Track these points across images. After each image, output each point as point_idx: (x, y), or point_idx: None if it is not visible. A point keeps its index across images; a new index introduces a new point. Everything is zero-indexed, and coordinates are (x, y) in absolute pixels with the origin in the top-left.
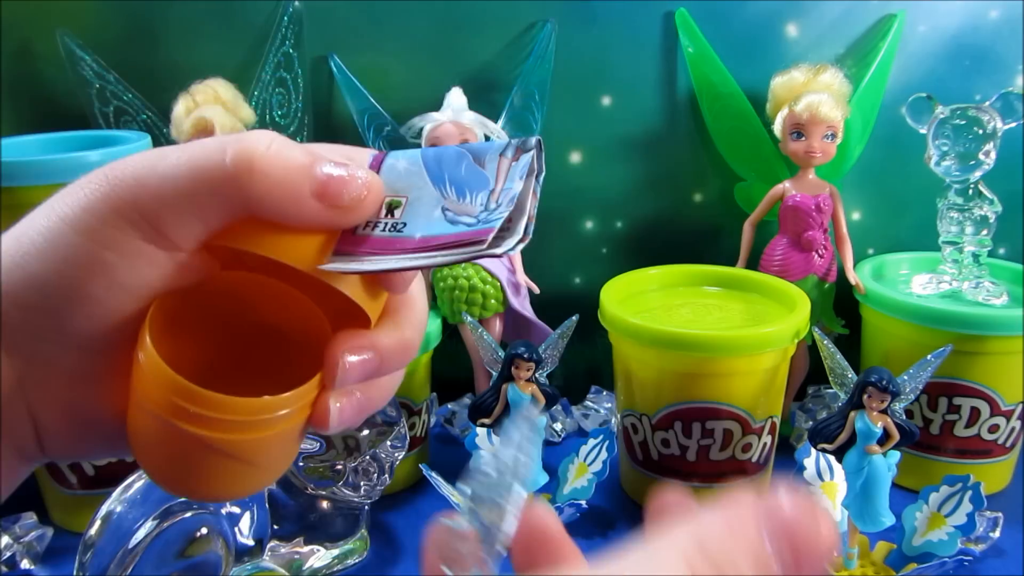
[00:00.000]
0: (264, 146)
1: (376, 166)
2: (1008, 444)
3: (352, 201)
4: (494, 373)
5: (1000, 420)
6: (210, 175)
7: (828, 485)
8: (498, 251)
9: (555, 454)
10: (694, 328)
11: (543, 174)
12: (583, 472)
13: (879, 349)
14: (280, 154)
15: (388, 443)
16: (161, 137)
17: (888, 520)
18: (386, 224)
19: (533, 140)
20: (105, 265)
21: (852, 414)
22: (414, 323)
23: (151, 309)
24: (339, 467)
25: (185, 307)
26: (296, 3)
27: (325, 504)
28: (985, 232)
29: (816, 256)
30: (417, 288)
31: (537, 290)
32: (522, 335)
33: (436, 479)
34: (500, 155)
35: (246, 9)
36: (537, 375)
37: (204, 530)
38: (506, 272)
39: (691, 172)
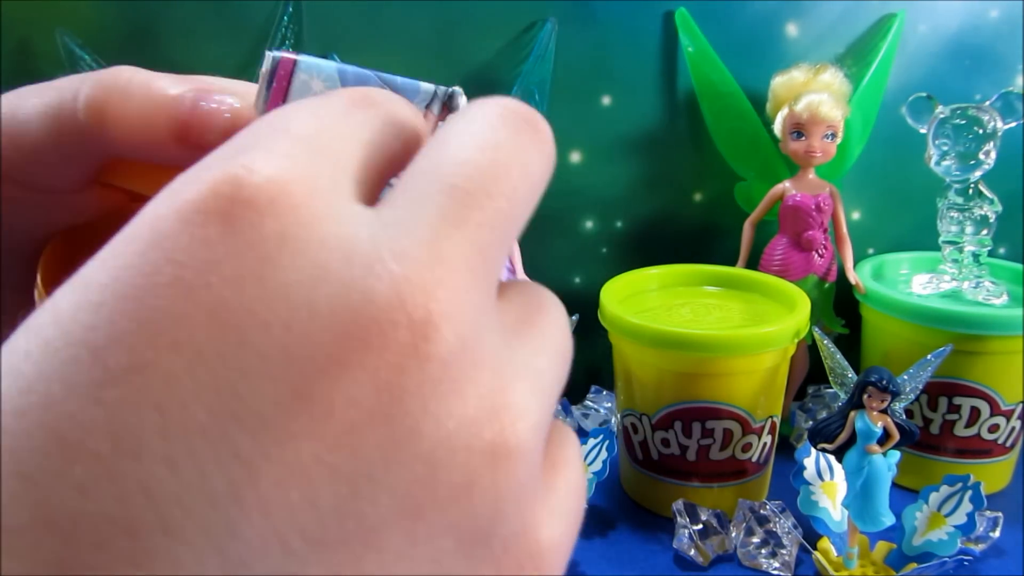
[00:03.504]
0: (122, 85)
1: (284, 82)
2: (1008, 444)
3: (221, 139)
4: None
5: (1000, 420)
6: (62, 125)
7: (828, 485)
8: None
9: None
10: (694, 328)
11: None
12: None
13: (879, 349)
14: (139, 93)
15: None
16: None
17: (888, 520)
18: None
19: (461, 99)
20: None
21: (852, 414)
22: None
23: (45, 252)
24: None
25: (95, 241)
26: (296, 3)
27: None
28: (985, 232)
29: (816, 256)
30: None
31: None
32: None
33: None
34: (426, 108)
35: (246, 9)
36: None
37: None
38: (506, 272)
39: (691, 172)
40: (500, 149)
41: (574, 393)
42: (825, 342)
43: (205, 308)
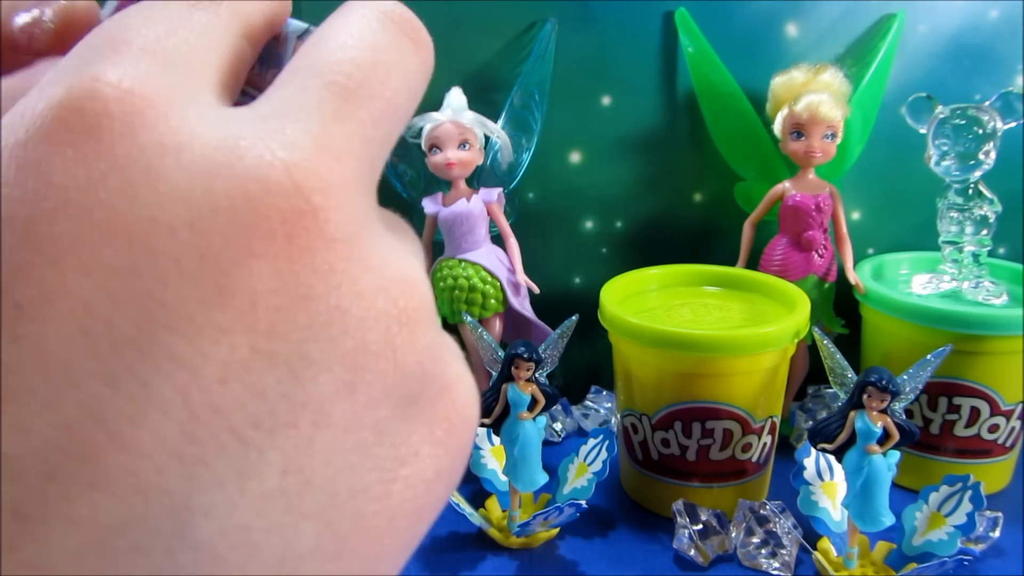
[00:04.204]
0: None
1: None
2: (1008, 444)
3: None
4: (494, 373)
5: (1000, 420)
6: None
7: (828, 485)
8: None
9: (555, 454)
10: (694, 328)
11: None
12: (583, 472)
13: (879, 349)
14: None
15: None
16: None
17: (888, 520)
18: None
19: None
20: None
21: (852, 414)
22: None
23: None
24: None
25: None
26: (296, 3)
27: None
28: (985, 232)
29: (816, 256)
30: None
31: (537, 290)
32: (522, 335)
33: None
34: (298, 39)
35: None
36: (537, 375)
37: None
38: (506, 272)
39: (691, 172)
40: (381, 52)
41: (574, 393)
42: (825, 342)
43: (103, 224)
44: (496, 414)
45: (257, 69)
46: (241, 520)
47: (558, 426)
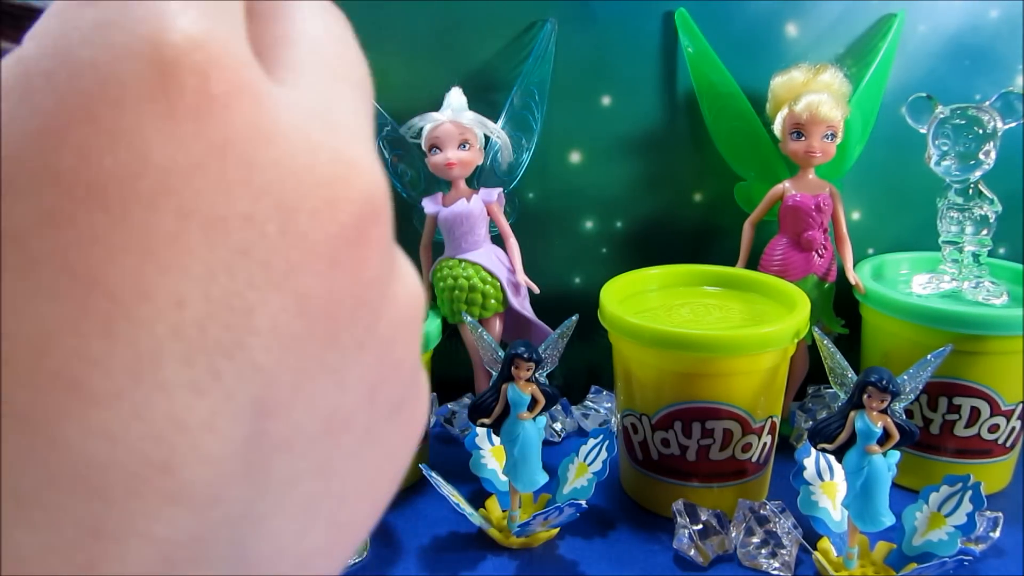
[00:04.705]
0: None
1: None
2: (1008, 444)
3: None
4: (494, 373)
5: (1000, 420)
6: None
7: (828, 485)
8: None
9: (555, 454)
10: (694, 328)
11: None
12: (583, 472)
13: (879, 349)
14: None
15: None
16: None
17: (888, 520)
18: None
19: None
20: None
21: (852, 414)
22: None
23: None
24: None
25: None
26: None
27: None
28: (985, 232)
29: (816, 256)
30: None
31: (537, 290)
32: (522, 335)
33: (436, 479)
34: None
35: None
36: (537, 375)
37: None
38: (506, 272)
39: (691, 172)
40: (351, 45)
41: (574, 393)
42: (825, 342)
43: (201, 217)
44: (496, 414)
45: None
46: (278, 526)
47: (558, 426)
